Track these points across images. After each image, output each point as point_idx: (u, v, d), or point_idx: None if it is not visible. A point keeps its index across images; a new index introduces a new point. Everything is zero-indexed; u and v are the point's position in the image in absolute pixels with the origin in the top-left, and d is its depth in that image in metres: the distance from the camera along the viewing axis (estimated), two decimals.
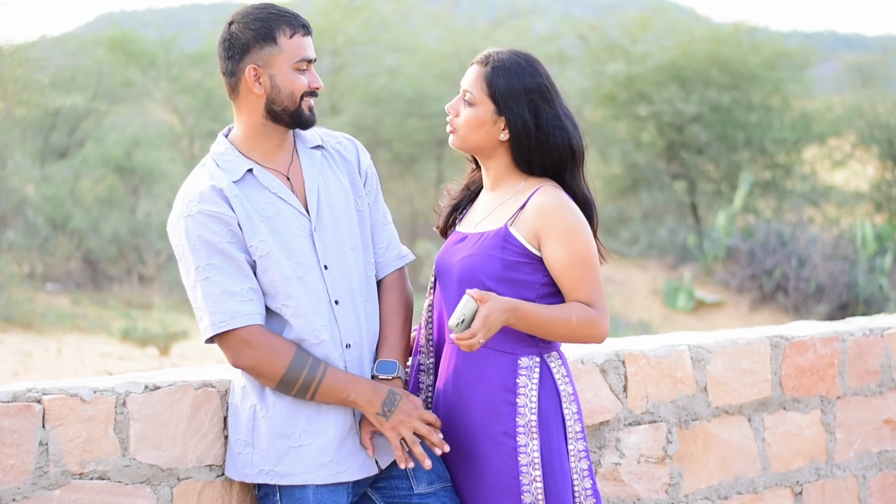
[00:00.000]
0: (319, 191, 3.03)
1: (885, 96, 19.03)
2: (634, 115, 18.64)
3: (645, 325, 13.56)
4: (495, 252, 2.97)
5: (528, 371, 2.98)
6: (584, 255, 2.95)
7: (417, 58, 19.89)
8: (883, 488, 4.36)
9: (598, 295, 2.96)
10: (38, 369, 10.43)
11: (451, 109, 3.05)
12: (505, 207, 3.03)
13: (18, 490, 2.84)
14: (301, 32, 2.95)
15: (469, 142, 3.03)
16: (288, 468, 2.94)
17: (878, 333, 4.34)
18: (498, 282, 2.96)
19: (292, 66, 2.95)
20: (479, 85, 3.01)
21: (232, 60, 2.96)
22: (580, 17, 22.90)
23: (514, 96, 2.98)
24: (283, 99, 2.95)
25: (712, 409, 3.92)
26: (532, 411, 2.95)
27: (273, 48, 2.93)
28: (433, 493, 3.04)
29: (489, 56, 3.02)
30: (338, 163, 3.11)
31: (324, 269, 2.99)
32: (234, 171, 2.97)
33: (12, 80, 13.12)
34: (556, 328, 2.94)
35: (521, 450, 2.94)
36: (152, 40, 20.16)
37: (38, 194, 17.03)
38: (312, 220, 3.00)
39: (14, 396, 2.86)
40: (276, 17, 2.94)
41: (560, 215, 2.95)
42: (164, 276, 16.05)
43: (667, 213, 18.20)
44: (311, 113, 3.00)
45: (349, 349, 3.00)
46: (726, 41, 18.51)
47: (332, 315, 2.99)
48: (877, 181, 17.98)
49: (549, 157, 3.00)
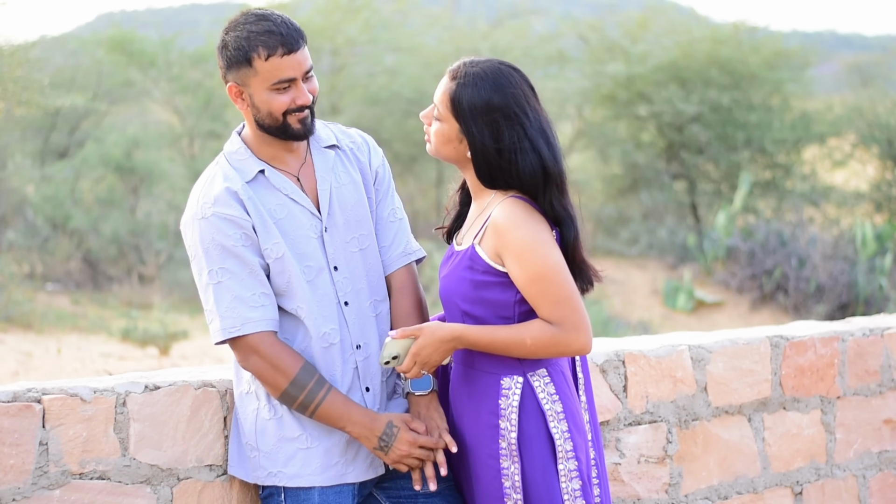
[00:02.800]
0: (332, 191, 3.03)
1: (885, 96, 19.02)
2: (634, 115, 18.63)
3: (645, 325, 13.56)
4: (465, 273, 2.91)
5: (510, 392, 2.92)
6: (539, 271, 2.83)
7: (417, 58, 19.87)
8: (883, 488, 4.36)
9: (564, 311, 2.84)
10: (38, 369, 10.43)
11: (424, 118, 2.98)
12: (477, 223, 2.96)
13: (18, 490, 2.84)
14: (280, 52, 2.87)
15: (441, 154, 2.97)
16: (295, 470, 2.94)
17: (878, 333, 4.34)
18: (471, 303, 2.91)
19: (269, 88, 2.90)
20: (445, 101, 2.92)
21: (222, 70, 2.96)
22: (580, 17, 22.88)
23: (475, 116, 2.86)
24: (264, 117, 2.94)
25: (712, 409, 3.92)
26: (512, 434, 2.90)
27: (248, 70, 2.90)
28: (438, 492, 3.05)
29: (459, 69, 2.92)
30: (351, 161, 3.10)
31: (333, 270, 2.99)
32: (246, 172, 2.98)
33: (12, 80, 13.11)
34: (512, 350, 2.88)
35: (504, 472, 2.91)
36: (152, 40, 20.15)
37: (38, 194, 17.03)
38: (324, 220, 3.00)
39: (14, 396, 2.86)
40: (255, 36, 2.87)
41: (512, 232, 2.84)
42: (164, 276, 16.05)
43: (667, 213, 18.20)
44: (304, 125, 2.95)
45: (359, 350, 3.01)
46: (726, 41, 18.51)
47: (343, 317, 2.99)
48: (877, 181, 17.98)
49: (513, 180, 2.88)
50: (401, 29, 21.00)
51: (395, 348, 2.89)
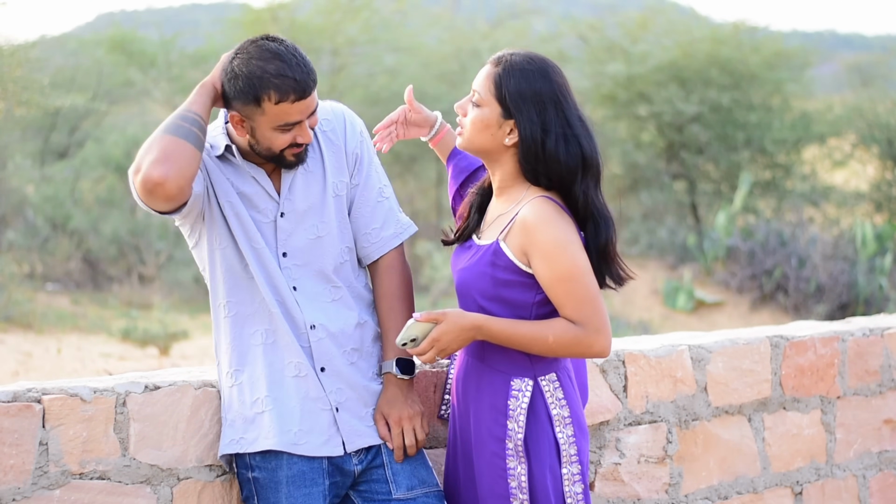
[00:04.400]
0: (295, 177, 3.03)
1: (885, 96, 19.02)
2: (634, 115, 18.63)
3: (645, 325, 13.56)
4: (486, 269, 2.90)
5: (519, 394, 2.92)
6: (568, 271, 2.83)
7: (417, 58, 19.87)
8: (883, 488, 4.36)
9: (588, 312, 2.85)
10: (38, 369, 10.43)
11: (458, 109, 2.97)
12: (502, 219, 2.95)
13: (18, 490, 2.84)
14: (291, 99, 2.84)
15: (474, 143, 2.94)
16: (254, 435, 2.98)
17: (878, 333, 4.34)
18: (489, 300, 2.91)
19: (273, 128, 2.90)
20: (487, 86, 2.91)
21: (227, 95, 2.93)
22: (580, 17, 22.87)
23: (524, 99, 2.87)
24: (262, 149, 2.95)
25: (712, 409, 3.92)
26: (519, 435, 2.90)
27: (256, 109, 2.88)
28: (412, 498, 3.05)
29: (502, 57, 2.93)
30: (326, 146, 3.09)
31: (281, 256, 3.01)
32: (216, 147, 3.01)
33: (12, 80, 13.11)
34: (533, 347, 2.88)
35: (510, 472, 2.91)
36: (152, 40, 20.17)
37: (38, 194, 17.02)
38: (281, 205, 3.01)
39: (14, 396, 2.86)
40: (268, 78, 2.83)
41: (542, 231, 2.83)
42: (164, 276, 16.05)
43: (667, 213, 18.20)
44: (298, 158, 2.97)
45: (314, 330, 3.02)
46: (726, 41, 18.50)
47: (294, 299, 3.00)
48: (877, 181, 17.98)
49: (554, 168, 2.87)
50: (401, 29, 21.00)
51: (416, 331, 2.87)
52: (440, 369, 3.43)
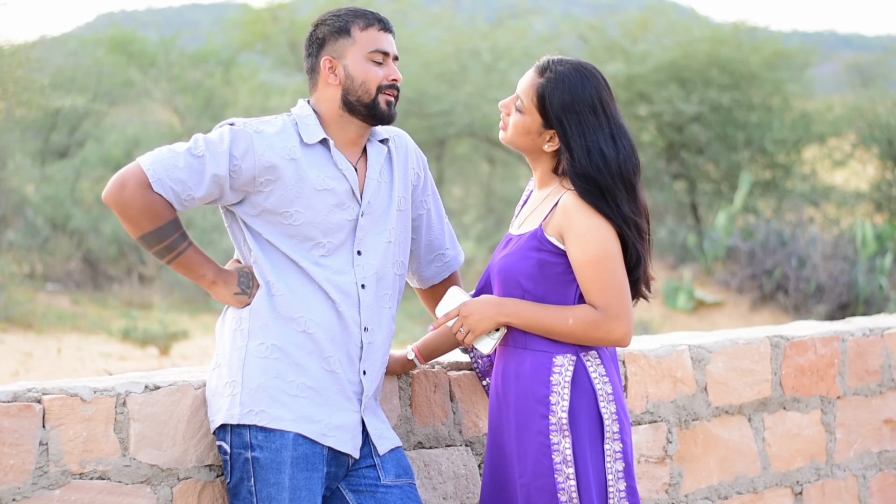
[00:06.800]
0: (378, 183, 3.09)
1: (885, 96, 19.01)
2: (634, 115, 18.61)
3: (645, 325, 13.56)
4: (531, 252, 2.99)
5: (562, 369, 2.97)
6: (598, 254, 2.92)
7: (417, 58, 19.87)
8: (883, 488, 4.36)
9: (612, 298, 2.93)
10: (38, 369, 10.43)
11: (503, 107, 3.08)
12: (544, 207, 3.04)
13: (18, 490, 2.84)
14: (377, 27, 3.05)
15: (515, 144, 3.07)
16: (279, 413, 2.95)
17: (878, 333, 4.34)
18: (535, 281, 2.99)
19: (366, 57, 3.03)
20: (530, 95, 3.01)
21: (311, 57, 3.07)
22: (580, 17, 22.89)
23: (566, 112, 2.96)
24: (357, 89, 3.02)
25: (712, 409, 3.92)
26: (563, 409, 2.94)
27: (347, 40, 3.03)
28: (399, 486, 3.07)
29: (548, 66, 3.01)
30: (397, 161, 3.17)
31: (357, 254, 3.04)
32: (310, 136, 3.03)
33: (12, 80, 13.12)
34: (553, 329, 2.96)
35: (553, 447, 2.95)
36: (152, 40, 20.16)
37: (38, 194, 17.02)
38: (363, 206, 3.05)
39: (14, 396, 2.86)
40: (352, 12, 3.06)
41: (580, 214, 2.93)
42: (164, 276, 16.05)
43: (667, 213, 18.19)
44: (389, 108, 3.06)
45: (367, 332, 3.05)
46: (726, 41, 18.49)
47: (357, 297, 3.03)
48: (877, 181, 17.97)
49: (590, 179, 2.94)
50: (401, 29, 21.00)
51: (455, 302, 3.05)
52: (440, 369, 3.43)
